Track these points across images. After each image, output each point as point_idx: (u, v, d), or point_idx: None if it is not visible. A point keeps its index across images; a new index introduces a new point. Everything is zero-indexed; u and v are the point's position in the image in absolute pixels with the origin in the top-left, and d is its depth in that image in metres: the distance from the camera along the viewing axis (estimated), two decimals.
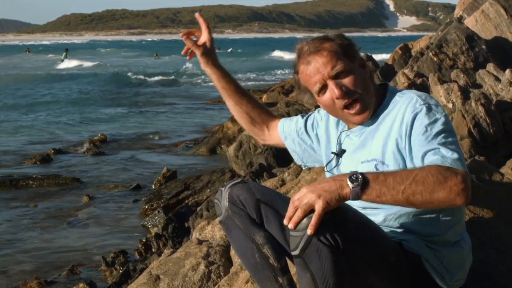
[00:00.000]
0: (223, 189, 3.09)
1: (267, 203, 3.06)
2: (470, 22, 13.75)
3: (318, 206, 2.40)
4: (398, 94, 2.86)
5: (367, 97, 2.81)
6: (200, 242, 4.68)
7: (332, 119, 3.14)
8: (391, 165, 2.75)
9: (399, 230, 2.82)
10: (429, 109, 2.68)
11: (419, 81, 9.33)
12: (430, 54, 12.30)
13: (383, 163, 2.78)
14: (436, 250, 2.78)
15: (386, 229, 2.81)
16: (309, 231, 2.41)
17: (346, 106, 2.81)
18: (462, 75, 9.68)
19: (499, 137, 7.37)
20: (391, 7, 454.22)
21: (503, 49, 12.98)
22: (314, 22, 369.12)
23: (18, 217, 9.82)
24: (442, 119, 2.66)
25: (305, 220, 2.49)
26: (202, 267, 4.33)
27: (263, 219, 3.05)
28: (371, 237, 2.59)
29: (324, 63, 2.78)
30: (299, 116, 3.35)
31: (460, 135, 7.23)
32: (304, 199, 2.43)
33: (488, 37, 13.20)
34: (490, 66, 9.31)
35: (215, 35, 3.36)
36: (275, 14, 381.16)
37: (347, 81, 2.78)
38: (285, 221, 2.47)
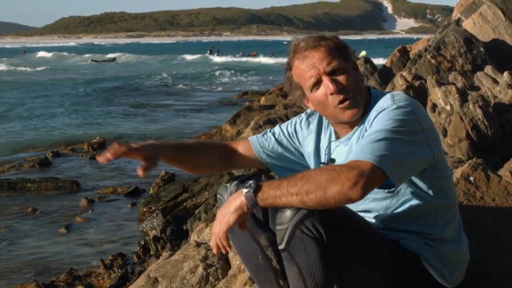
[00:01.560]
0: (228, 184, 3.05)
1: None
2: (468, 24, 13.75)
3: (223, 228, 2.63)
4: (380, 96, 2.86)
5: (359, 96, 2.82)
6: (198, 244, 4.68)
7: (315, 128, 3.14)
8: None
9: (397, 230, 2.83)
10: (393, 110, 2.66)
11: (417, 83, 9.34)
12: (428, 56, 12.31)
13: None
14: (435, 247, 2.79)
15: (383, 231, 2.82)
16: (214, 250, 2.72)
17: (339, 103, 2.81)
18: (460, 78, 9.69)
19: (497, 139, 7.39)
20: (389, 10, 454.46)
21: (501, 51, 12.98)
22: (312, 24, 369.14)
23: (15, 220, 9.81)
24: (399, 121, 2.61)
25: (288, 212, 2.52)
26: (200, 269, 4.33)
27: (269, 218, 3.05)
28: (358, 230, 2.60)
29: (321, 59, 2.79)
30: (268, 131, 3.30)
31: (458, 137, 7.24)
32: (214, 230, 2.69)
33: (486, 40, 13.21)
34: (488, 69, 9.32)
35: (213, 38, 3.30)
36: (273, 17, 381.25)
37: (341, 78, 2.79)
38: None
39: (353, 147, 2.83)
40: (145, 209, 10.11)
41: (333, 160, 3.00)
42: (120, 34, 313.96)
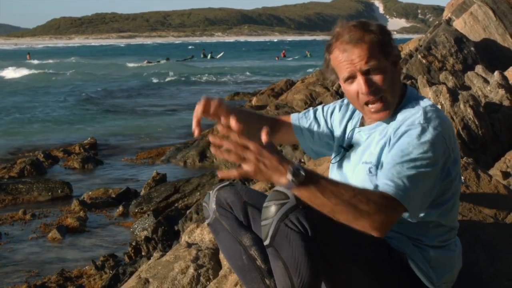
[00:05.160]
0: (211, 192, 3.11)
1: (254, 205, 3.08)
2: (458, 24, 13.79)
3: (250, 176, 2.36)
4: (413, 101, 2.84)
5: (391, 97, 2.80)
6: (189, 245, 4.67)
7: (348, 114, 3.15)
8: None
9: None
10: (423, 130, 2.63)
11: (408, 83, 9.34)
12: (419, 56, 12.33)
13: (377, 167, 2.78)
14: (423, 249, 2.79)
15: None
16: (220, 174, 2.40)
17: (368, 103, 2.80)
18: (451, 77, 9.71)
19: (487, 139, 7.40)
20: (381, 10, 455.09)
21: (491, 51, 13.02)
22: (304, 24, 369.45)
23: (5, 222, 9.77)
24: (428, 146, 2.60)
25: (272, 207, 2.53)
26: (191, 270, 4.33)
27: (250, 221, 3.07)
28: (344, 226, 2.59)
29: (360, 56, 2.73)
30: (311, 109, 3.32)
31: None
32: (246, 162, 2.35)
33: (477, 39, 13.25)
34: (479, 68, 9.34)
35: (204, 39, 3.29)
36: (265, 17, 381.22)
37: (377, 78, 2.75)
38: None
39: (373, 144, 2.86)
40: (136, 210, 10.09)
41: (350, 146, 3.01)
42: (111, 35, 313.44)
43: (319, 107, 3.28)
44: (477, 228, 3.68)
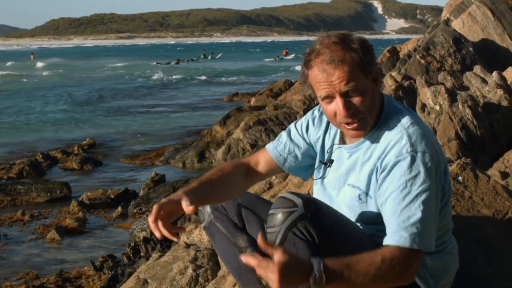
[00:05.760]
0: None
1: (248, 207, 3.09)
2: (457, 24, 13.78)
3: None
4: (393, 119, 2.78)
5: (369, 117, 2.73)
6: (187, 245, 4.68)
7: (323, 126, 3.08)
8: (374, 197, 2.74)
9: (385, 232, 2.83)
10: (413, 160, 2.61)
11: (406, 83, 9.35)
12: (418, 56, 12.33)
13: (366, 194, 2.77)
14: None
15: (368, 232, 2.82)
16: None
17: (346, 123, 2.73)
18: (449, 78, 9.70)
19: (486, 139, 7.40)
20: (380, 10, 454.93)
21: (490, 51, 13.01)
22: (302, 25, 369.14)
23: (4, 224, 9.76)
24: (423, 175, 2.60)
25: (280, 215, 2.52)
26: (189, 270, 4.33)
27: (245, 223, 3.08)
28: (347, 233, 2.60)
29: (340, 78, 2.62)
30: (283, 133, 3.22)
31: (447, 137, 7.25)
32: (267, 275, 2.31)
33: (475, 39, 13.24)
34: (477, 68, 9.33)
35: (203, 39, 3.24)
36: (264, 18, 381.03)
37: (356, 100, 2.67)
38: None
39: (357, 166, 2.83)
40: (135, 211, 10.09)
41: (331, 161, 2.98)
42: (110, 36, 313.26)
43: (291, 127, 3.18)
44: (475, 228, 3.68)
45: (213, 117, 21.01)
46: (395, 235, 2.53)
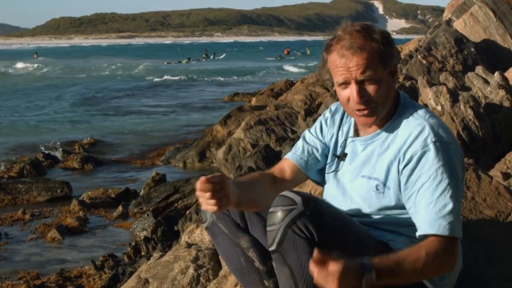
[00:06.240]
0: None
1: None
2: (459, 24, 13.76)
3: None
4: (410, 111, 2.82)
5: (381, 107, 2.76)
6: (189, 245, 4.67)
7: (337, 124, 3.10)
8: (392, 188, 2.75)
9: (388, 231, 2.82)
10: (439, 149, 2.65)
11: (408, 84, 9.33)
12: (419, 57, 12.31)
13: (384, 185, 2.77)
14: None
15: (375, 231, 2.81)
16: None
17: (358, 110, 2.76)
18: (451, 78, 9.69)
19: (488, 139, 7.38)
20: (380, 10, 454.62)
21: (492, 51, 13.00)
22: (303, 25, 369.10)
23: (5, 223, 9.76)
24: (451, 163, 2.65)
25: (279, 213, 2.52)
26: (191, 270, 4.32)
27: (248, 223, 3.07)
28: (348, 230, 2.60)
29: (358, 65, 2.67)
30: (300, 140, 3.21)
31: None
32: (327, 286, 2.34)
33: (477, 40, 13.22)
34: (479, 69, 9.31)
35: (204, 39, 3.22)
36: (264, 17, 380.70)
37: (370, 89, 2.71)
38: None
39: (374, 157, 2.84)
40: (136, 210, 10.09)
41: (345, 155, 2.99)
42: (111, 35, 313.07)
43: (305, 132, 3.20)
44: (477, 228, 3.67)
45: (213, 117, 21.02)
46: (434, 225, 2.57)
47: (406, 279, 2.49)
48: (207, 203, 2.65)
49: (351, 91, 2.73)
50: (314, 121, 12.68)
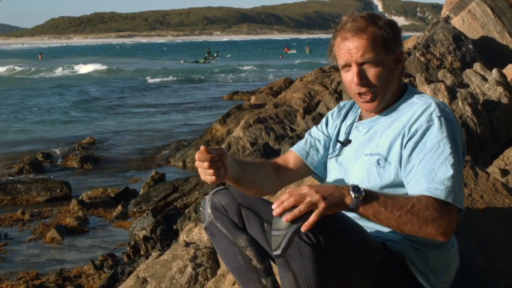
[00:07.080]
0: (207, 196, 3.13)
1: (248, 207, 3.08)
2: (457, 22, 13.78)
3: (321, 207, 2.41)
4: (416, 96, 2.86)
5: (382, 92, 2.80)
6: (187, 244, 4.67)
7: (342, 114, 3.17)
8: (393, 163, 2.76)
9: (385, 231, 2.81)
10: (443, 122, 2.67)
11: (406, 81, 9.33)
12: (417, 54, 12.32)
13: (386, 159, 2.78)
14: (421, 251, 2.77)
15: (371, 230, 2.81)
16: (303, 229, 2.41)
17: (360, 93, 2.81)
18: (449, 75, 9.69)
19: (486, 136, 7.39)
20: (380, 8, 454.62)
21: (490, 48, 13.01)
22: (302, 23, 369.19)
23: (4, 223, 9.76)
24: (454, 137, 2.66)
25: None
26: (189, 269, 4.32)
27: (245, 222, 3.08)
28: (353, 236, 2.58)
29: (358, 47, 2.74)
30: (306, 134, 3.28)
31: None
32: (307, 196, 2.42)
33: (475, 37, 13.24)
34: (477, 66, 9.32)
35: (203, 38, 3.24)
36: (264, 16, 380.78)
37: (371, 72, 2.76)
38: (274, 205, 2.46)
39: (377, 136, 2.86)
40: (135, 210, 10.09)
41: (349, 141, 3.02)
42: (110, 34, 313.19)
43: (313, 128, 3.28)
44: (475, 226, 3.67)
45: (213, 115, 21.02)
46: (431, 188, 2.56)
47: (392, 216, 2.47)
48: (205, 173, 2.74)
49: (351, 74, 2.79)
50: (313, 119, 12.72)
